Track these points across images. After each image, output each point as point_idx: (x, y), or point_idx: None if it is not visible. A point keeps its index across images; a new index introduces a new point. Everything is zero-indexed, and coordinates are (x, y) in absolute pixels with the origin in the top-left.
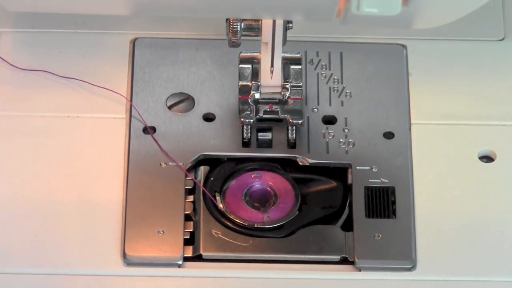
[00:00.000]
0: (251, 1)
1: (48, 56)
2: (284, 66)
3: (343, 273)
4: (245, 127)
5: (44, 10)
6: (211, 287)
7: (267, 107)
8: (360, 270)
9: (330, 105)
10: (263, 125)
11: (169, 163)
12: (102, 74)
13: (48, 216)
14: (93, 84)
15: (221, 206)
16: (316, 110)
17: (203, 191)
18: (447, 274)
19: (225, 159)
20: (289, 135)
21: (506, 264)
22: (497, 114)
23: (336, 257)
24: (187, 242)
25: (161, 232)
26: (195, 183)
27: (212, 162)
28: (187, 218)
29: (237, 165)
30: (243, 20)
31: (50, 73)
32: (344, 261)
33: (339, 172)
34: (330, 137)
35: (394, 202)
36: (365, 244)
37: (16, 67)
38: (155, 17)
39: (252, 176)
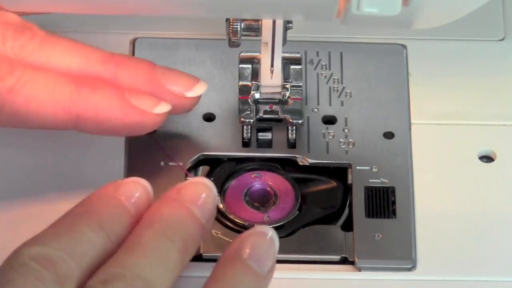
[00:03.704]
0: (251, 1)
1: None
2: (284, 66)
3: (343, 273)
4: (245, 127)
5: (43, 10)
6: None
7: (267, 107)
8: (360, 270)
9: (330, 105)
10: (263, 125)
11: (169, 163)
12: None
13: (48, 216)
14: None
15: (221, 206)
16: (316, 110)
17: None
18: (447, 274)
19: (225, 159)
20: (289, 135)
21: (506, 264)
22: (497, 114)
23: (336, 257)
24: None
25: None
26: None
27: (212, 162)
28: None
29: (237, 165)
30: (243, 20)
31: None
32: (344, 261)
33: (339, 172)
34: (330, 137)
35: (394, 202)
36: (365, 244)
37: None
38: (155, 17)
39: (252, 176)
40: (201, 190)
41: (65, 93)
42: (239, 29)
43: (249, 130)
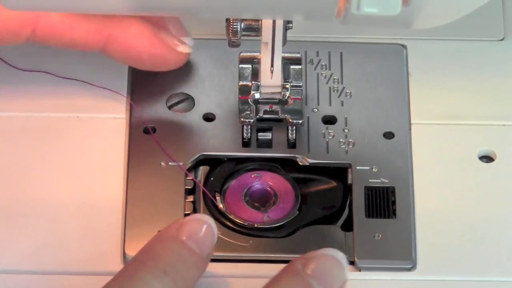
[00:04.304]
0: (251, 1)
1: (47, 57)
2: (284, 66)
3: None
4: (245, 127)
5: (44, 10)
6: (211, 287)
7: (267, 107)
8: (360, 270)
9: (330, 105)
10: (263, 125)
11: (169, 163)
12: (102, 74)
13: (48, 215)
14: (93, 84)
15: (221, 206)
16: (316, 110)
17: (203, 191)
18: (447, 274)
19: (225, 159)
20: (289, 135)
21: (506, 264)
22: (497, 114)
23: None
24: None
25: None
26: (195, 183)
27: (212, 162)
28: None
29: (237, 165)
30: (243, 20)
31: (50, 73)
32: None
33: (339, 172)
34: (330, 137)
35: (394, 202)
36: (365, 244)
37: (16, 68)
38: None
39: (252, 176)
40: (200, 226)
41: (99, 15)
42: (239, 29)
43: (249, 130)
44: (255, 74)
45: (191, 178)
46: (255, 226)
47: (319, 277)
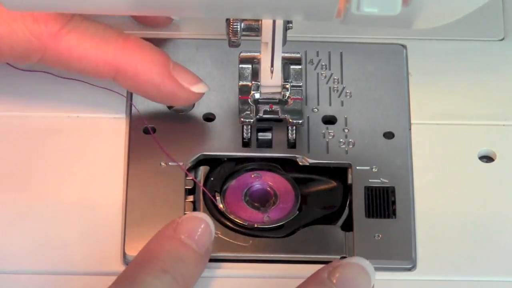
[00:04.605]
0: (251, 1)
1: None
2: (284, 66)
3: None
4: (245, 127)
5: (44, 10)
6: (211, 287)
7: (267, 107)
8: None
9: (330, 105)
10: (263, 125)
11: (169, 163)
12: None
13: (48, 216)
14: (93, 84)
15: (221, 206)
16: (316, 110)
17: (203, 191)
18: (447, 274)
19: (225, 159)
20: (289, 135)
21: (506, 264)
22: (497, 114)
23: (336, 257)
24: None
25: None
26: (195, 183)
27: (212, 162)
28: None
29: (237, 165)
30: (243, 20)
31: (50, 73)
32: None
33: (339, 172)
34: (330, 137)
35: (394, 202)
36: (365, 244)
37: (16, 68)
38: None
39: (252, 176)
40: (197, 224)
41: (110, 48)
42: (239, 29)
43: (249, 130)
44: (255, 74)
45: (191, 178)
46: (255, 226)
47: (345, 286)
